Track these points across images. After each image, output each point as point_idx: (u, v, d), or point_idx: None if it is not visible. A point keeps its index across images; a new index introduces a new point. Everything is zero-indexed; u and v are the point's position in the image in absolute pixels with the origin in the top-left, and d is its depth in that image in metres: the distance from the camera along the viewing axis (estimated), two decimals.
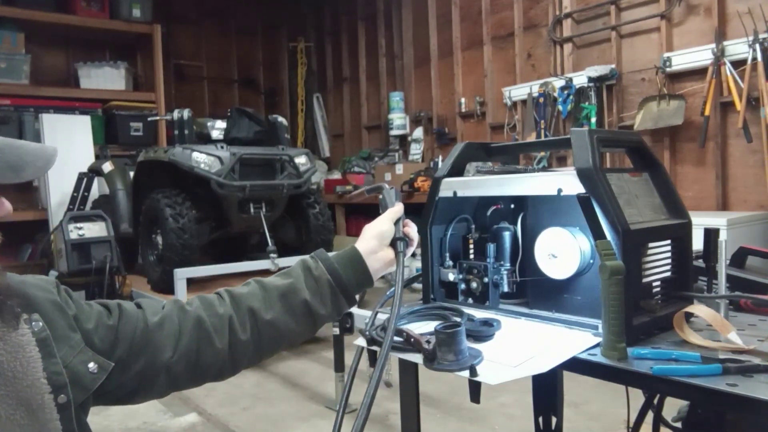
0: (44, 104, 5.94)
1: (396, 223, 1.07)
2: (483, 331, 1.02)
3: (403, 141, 6.98)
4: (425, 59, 6.72)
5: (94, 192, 5.19)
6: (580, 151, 1.02)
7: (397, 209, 1.08)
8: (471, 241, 1.24)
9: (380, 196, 1.12)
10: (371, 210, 1.13)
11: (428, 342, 0.93)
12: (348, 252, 1.03)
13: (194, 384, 0.96)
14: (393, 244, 1.05)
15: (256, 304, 0.96)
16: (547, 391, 1.51)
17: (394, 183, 6.03)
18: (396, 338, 1.00)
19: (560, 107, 5.03)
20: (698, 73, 4.20)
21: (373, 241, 1.03)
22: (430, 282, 1.26)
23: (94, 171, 5.09)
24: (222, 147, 4.04)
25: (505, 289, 1.18)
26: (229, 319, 0.94)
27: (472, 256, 1.23)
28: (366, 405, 0.79)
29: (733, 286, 1.18)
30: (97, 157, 5.62)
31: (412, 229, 1.09)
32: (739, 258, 1.29)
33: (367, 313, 2.80)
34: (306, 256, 1.02)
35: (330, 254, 1.02)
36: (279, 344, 0.99)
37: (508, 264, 1.19)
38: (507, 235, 1.19)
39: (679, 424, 1.34)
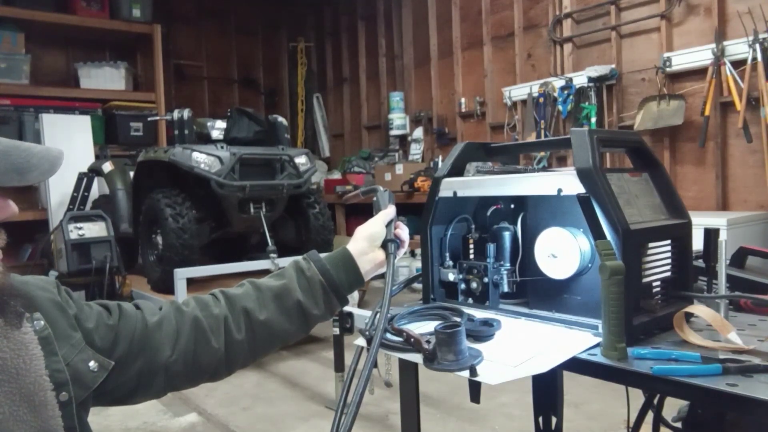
0: (44, 104, 5.93)
1: (388, 225, 1.08)
2: (483, 331, 1.02)
3: (403, 141, 6.98)
4: (425, 59, 6.72)
5: (94, 192, 5.19)
6: (580, 151, 1.02)
7: (389, 211, 1.10)
8: (471, 241, 1.24)
9: (374, 198, 1.13)
10: (371, 209, 1.14)
11: (428, 342, 0.93)
12: (339, 253, 1.04)
13: (191, 384, 0.97)
14: (384, 245, 1.06)
15: (250, 304, 0.97)
16: (547, 391, 1.51)
17: (394, 183, 6.04)
18: (396, 338, 1.01)
19: (560, 107, 5.03)
20: (698, 73, 4.20)
21: (364, 242, 1.05)
22: (430, 282, 1.26)
23: (94, 171, 5.08)
24: (222, 147, 4.04)
25: (505, 289, 1.18)
26: (224, 319, 0.96)
27: (472, 256, 1.23)
28: (355, 403, 0.80)
29: (733, 286, 1.18)
30: (97, 157, 5.62)
31: (403, 231, 1.10)
32: (739, 258, 1.29)
33: (367, 313, 2.81)
34: (299, 258, 1.04)
35: (322, 255, 1.03)
36: (273, 344, 1.01)
37: (508, 264, 1.19)
38: (507, 235, 1.19)
39: (679, 424, 1.34)
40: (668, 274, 1.06)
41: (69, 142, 5.51)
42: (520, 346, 0.98)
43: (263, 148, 4.24)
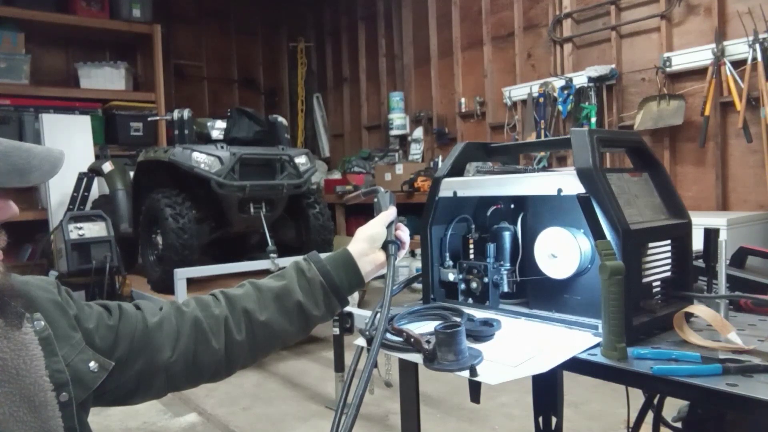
0: (44, 104, 5.94)
1: (388, 226, 1.08)
2: (483, 331, 1.02)
3: (403, 141, 6.98)
4: (425, 59, 6.72)
5: (94, 192, 5.19)
6: (580, 151, 1.02)
7: (390, 213, 1.10)
8: (471, 241, 1.24)
9: (375, 199, 1.13)
10: (371, 210, 1.14)
11: (428, 342, 0.93)
12: (340, 254, 1.04)
13: (191, 384, 0.97)
14: (385, 246, 1.06)
15: (250, 305, 0.97)
16: (547, 391, 1.51)
17: (394, 183, 6.04)
18: (396, 338, 1.01)
19: (560, 107, 5.03)
20: (698, 73, 4.20)
21: (364, 243, 1.05)
22: (430, 282, 1.26)
23: (94, 171, 5.09)
24: (222, 147, 4.04)
25: (505, 289, 1.18)
26: (225, 319, 0.96)
27: (472, 256, 1.23)
28: (355, 405, 0.80)
29: (733, 286, 1.18)
30: (97, 157, 5.62)
31: (403, 233, 1.11)
32: (739, 258, 1.29)
33: (367, 313, 2.81)
34: (299, 258, 1.04)
35: (323, 256, 1.03)
36: (273, 345, 1.01)
37: (508, 264, 1.19)
38: (507, 235, 1.19)
39: (679, 424, 1.34)
40: (668, 274, 1.06)
41: (69, 142, 5.51)
42: (520, 346, 0.98)
43: (263, 148, 4.24)
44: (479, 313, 1.14)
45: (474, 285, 1.20)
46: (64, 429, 0.75)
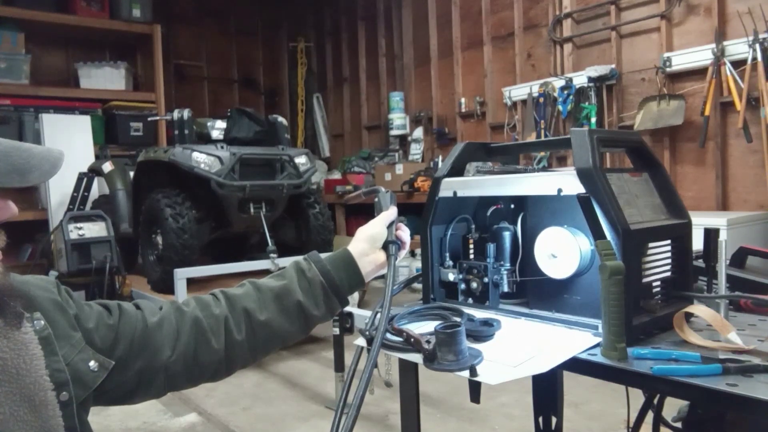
0: (44, 104, 5.94)
1: (389, 226, 1.08)
2: (483, 331, 1.02)
3: (403, 141, 6.98)
4: (425, 59, 6.72)
5: (94, 192, 5.19)
6: (580, 151, 1.02)
7: (390, 213, 1.10)
8: (471, 241, 1.24)
9: (376, 199, 1.13)
10: (372, 210, 1.14)
11: (428, 342, 0.93)
12: (340, 254, 1.04)
13: (191, 384, 0.97)
14: (385, 246, 1.06)
15: (250, 304, 0.97)
16: (547, 391, 1.51)
17: (394, 183, 6.04)
18: (396, 338, 1.01)
19: (560, 107, 5.03)
20: (698, 73, 4.20)
21: (365, 243, 1.05)
22: (430, 282, 1.26)
23: (94, 171, 5.09)
24: (222, 147, 4.04)
25: (505, 289, 1.18)
26: (224, 319, 0.96)
27: (472, 256, 1.23)
28: (355, 405, 0.80)
29: (733, 286, 1.18)
30: (97, 157, 5.62)
31: (404, 233, 1.11)
32: (739, 258, 1.29)
33: (367, 313, 2.81)
34: (299, 258, 1.04)
35: (323, 256, 1.03)
36: (273, 344, 1.01)
37: (508, 264, 1.19)
38: (507, 235, 1.19)
39: (679, 424, 1.34)
40: (668, 274, 1.06)
41: (69, 142, 5.51)
42: (520, 346, 0.98)
43: (263, 148, 4.24)
44: (479, 313, 1.14)
45: (474, 285, 1.20)
46: (65, 428, 0.76)
